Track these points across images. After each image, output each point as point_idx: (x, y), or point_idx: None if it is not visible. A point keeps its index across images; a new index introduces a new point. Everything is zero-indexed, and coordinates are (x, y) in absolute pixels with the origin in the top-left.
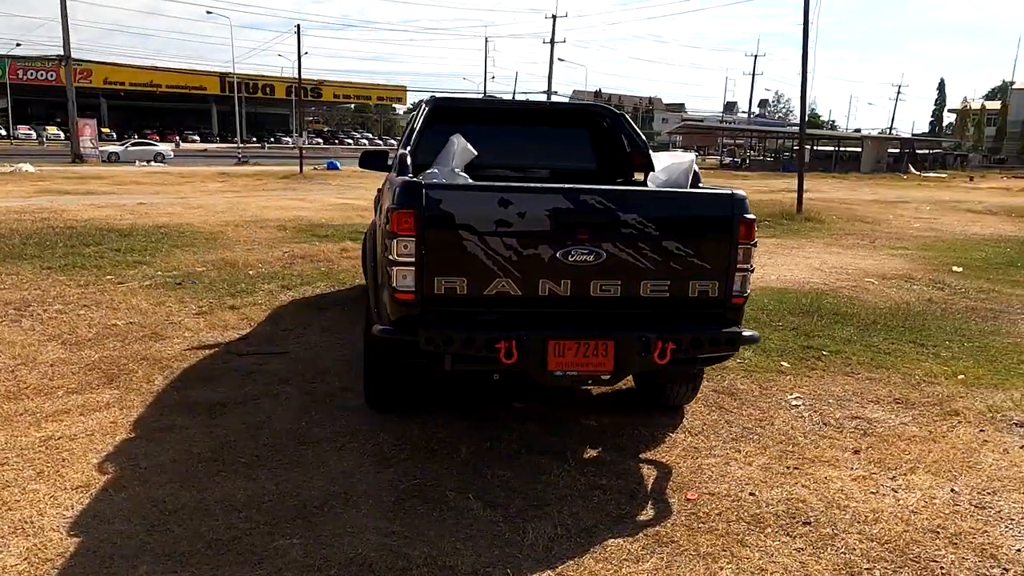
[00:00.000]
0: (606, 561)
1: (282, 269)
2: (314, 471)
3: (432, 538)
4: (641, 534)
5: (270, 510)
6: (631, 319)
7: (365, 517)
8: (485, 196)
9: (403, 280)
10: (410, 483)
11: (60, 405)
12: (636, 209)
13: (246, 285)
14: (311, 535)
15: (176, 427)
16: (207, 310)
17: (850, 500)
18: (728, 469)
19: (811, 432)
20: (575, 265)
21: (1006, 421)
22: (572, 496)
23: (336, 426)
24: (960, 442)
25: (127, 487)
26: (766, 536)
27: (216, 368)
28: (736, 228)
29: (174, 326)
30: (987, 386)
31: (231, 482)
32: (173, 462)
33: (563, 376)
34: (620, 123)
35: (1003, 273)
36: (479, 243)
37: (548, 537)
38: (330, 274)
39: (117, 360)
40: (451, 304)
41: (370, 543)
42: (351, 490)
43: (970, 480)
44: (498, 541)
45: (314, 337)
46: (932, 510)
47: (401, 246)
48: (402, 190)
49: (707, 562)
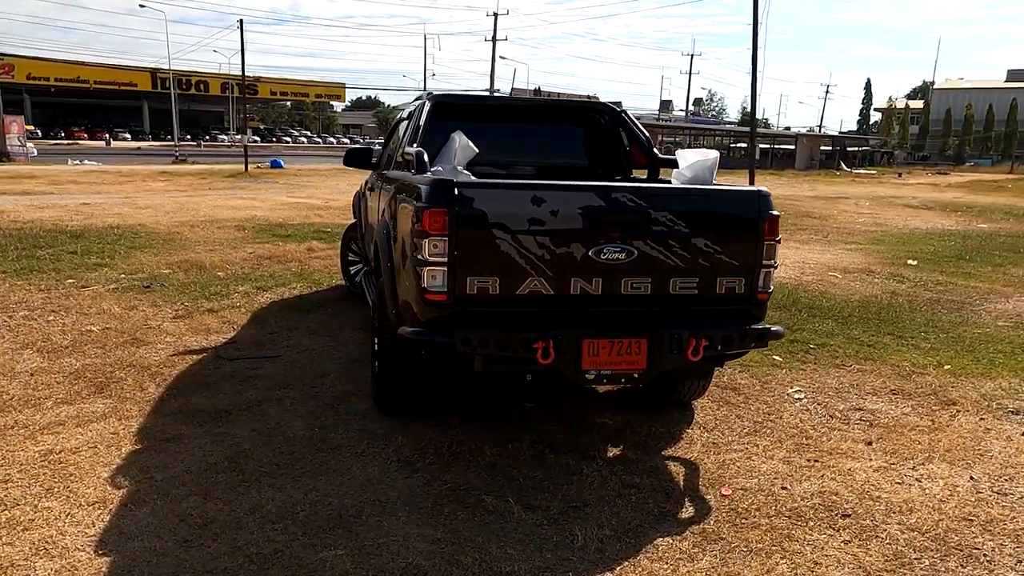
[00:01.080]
0: (661, 561)
1: (252, 270)
2: (340, 478)
3: (480, 543)
4: (688, 532)
5: (306, 520)
6: (660, 317)
7: (406, 524)
8: (518, 194)
9: (434, 280)
10: (442, 488)
11: (52, 417)
12: (667, 206)
13: (219, 287)
14: (355, 545)
15: (183, 437)
16: (184, 314)
17: (880, 491)
18: (752, 464)
19: (820, 425)
20: (607, 263)
21: (1002, 409)
22: (609, 496)
23: (350, 431)
24: (964, 431)
25: (147, 501)
26: (810, 530)
27: (209, 374)
28: (763, 225)
29: (154, 331)
30: (975, 375)
31: (257, 492)
32: (189, 473)
33: (597, 376)
34: (619, 120)
35: (954, 266)
36: (512, 242)
37: (598, 538)
38: (303, 275)
39: (101, 368)
40: (483, 304)
41: (419, 551)
42: (383, 497)
43: (985, 468)
44: (547, 544)
45: (303, 340)
46: (959, 498)
47: (433, 246)
48: (434, 188)
49: (761, 558)
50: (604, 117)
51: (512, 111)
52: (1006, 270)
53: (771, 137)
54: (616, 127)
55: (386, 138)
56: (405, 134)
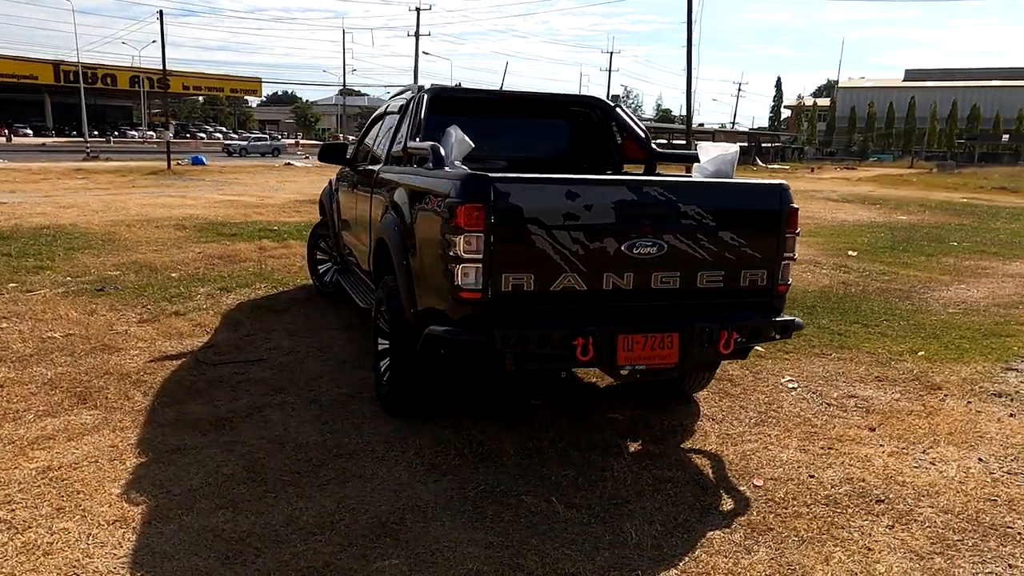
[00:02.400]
0: (719, 555)
1: (206, 271)
2: (368, 485)
3: (535, 545)
4: (735, 524)
5: (347, 530)
6: (688, 311)
7: (452, 529)
8: (553, 189)
9: (469, 278)
10: (477, 490)
11: (37, 430)
12: (696, 200)
13: (178, 289)
14: (407, 553)
15: (189, 447)
16: (150, 318)
17: (902, 476)
18: (771, 453)
19: (820, 412)
20: (639, 257)
21: (985, 392)
22: (646, 491)
23: (363, 435)
24: (957, 414)
25: (172, 517)
26: (851, 517)
27: (195, 380)
28: (784, 218)
29: (122, 336)
30: (949, 361)
31: (286, 503)
32: (208, 485)
33: (632, 371)
34: (612, 114)
35: (891, 256)
36: (547, 237)
37: (651, 535)
38: (263, 275)
39: (77, 377)
40: (516, 302)
41: (476, 557)
42: (419, 502)
43: (988, 450)
44: (602, 543)
45: (284, 342)
46: (976, 480)
47: (468, 242)
48: (469, 183)
49: (815, 547)
50: (596, 111)
51: (504, 105)
52: (938, 259)
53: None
54: (607, 121)
55: (362, 134)
56: (398, 128)
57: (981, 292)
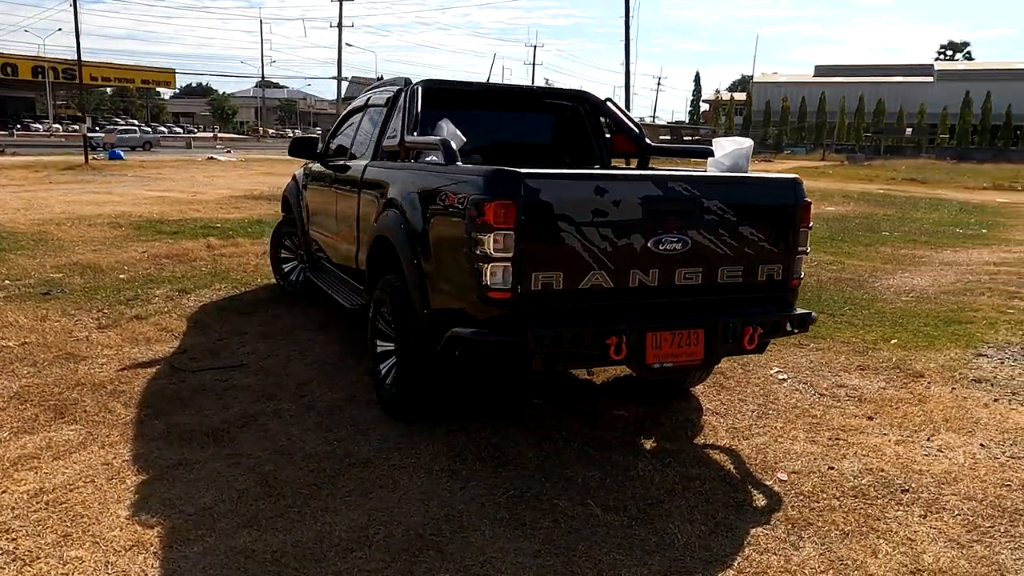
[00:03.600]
0: (769, 552)
1: (156, 271)
2: (393, 495)
3: (583, 551)
4: (774, 520)
5: (386, 545)
6: (709, 306)
7: (494, 539)
8: (581, 184)
9: (498, 277)
10: (506, 495)
11: (17, 449)
12: (717, 195)
13: (132, 291)
14: (454, 565)
15: (190, 462)
16: (110, 323)
17: (916, 464)
18: (783, 446)
19: (815, 403)
20: (664, 254)
21: (965, 379)
22: (676, 490)
23: (371, 442)
24: (946, 401)
25: (193, 539)
26: (884, 508)
27: (177, 389)
28: (799, 212)
29: (85, 344)
30: (922, 348)
31: (312, 518)
32: (223, 503)
33: (660, 368)
34: (601, 109)
35: (833, 246)
36: (576, 234)
37: (696, 535)
38: (219, 274)
39: (46, 389)
40: (546, 301)
41: (527, 567)
42: (451, 511)
43: (985, 435)
44: (649, 546)
45: (260, 346)
46: (986, 465)
47: (497, 240)
48: (499, 179)
49: (859, 540)
50: (585, 105)
51: (494, 97)
52: (876, 249)
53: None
54: (596, 116)
55: (334, 128)
56: (387, 122)
57: (925, 280)
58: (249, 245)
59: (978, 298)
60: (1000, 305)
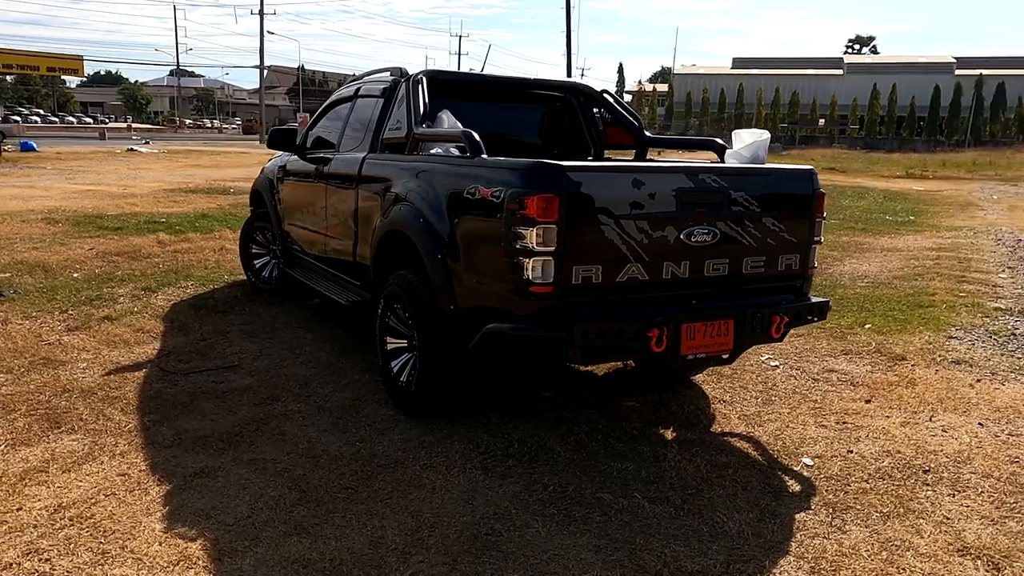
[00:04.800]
0: (820, 537)
1: (111, 270)
2: (434, 495)
3: (642, 544)
4: (814, 505)
5: (443, 546)
6: (733, 296)
7: (551, 536)
8: (620, 177)
9: (540, 272)
10: (547, 491)
11: (20, 463)
12: (743, 187)
13: (93, 291)
14: (519, 564)
15: (212, 469)
16: (79, 325)
17: (928, 445)
18: (796, 432)
19: (812, 388)
20: (695, 245)
21: (945, 360)
22: (711, 478)
23: (394, 442)
24: (934, 383)
25: (240, 550)
26: (912, 488)
27: (174, 392)
28: (815, 202)
29: (58, 348)
30: (895, 332)
31: (358, 522)
32: (260, 511)
33: (694, 359)
34: (594, 100)
35: None
36: (616, 227)
37: (746, 523)
38: (180, 271)
39: (30, 396)
40: (585, 295)
41: (592, 563)
42: (498, 509)
43: (980, 414)
44: (703, 536)
45: (247, 345)
46: (991, 444)
47: (540, 234)
48: (542, 172)
49: (901, 520)
50: (580, 97)
51: (489, 88)
52: None
53: None
54: (590, 107)
55: (314, 119)
56: (385, 113)
57: (874, 266)
58: (202, 241)
59: (930, 283)
60: (953, 289)
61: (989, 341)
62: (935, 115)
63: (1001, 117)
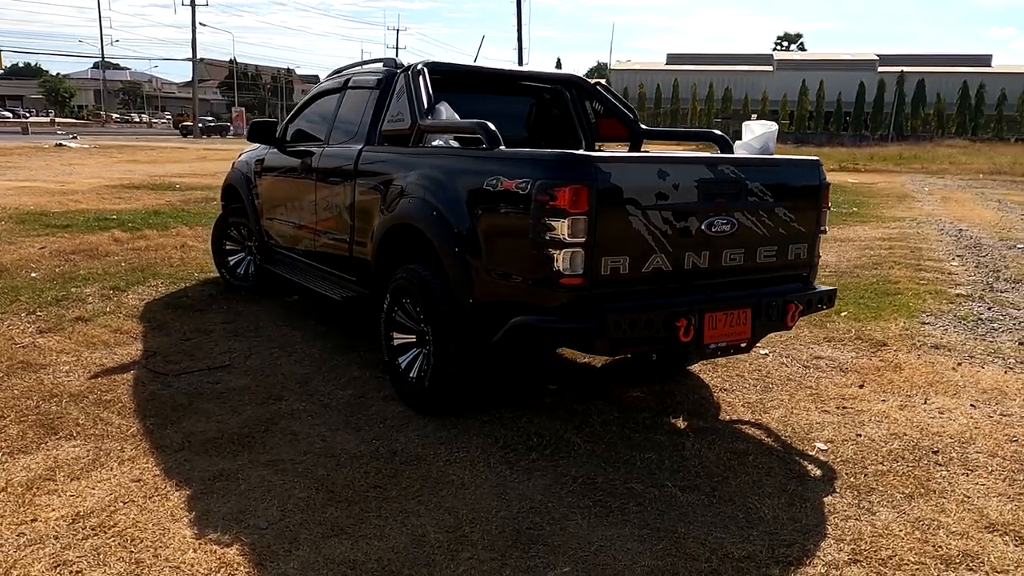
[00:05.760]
0: (853, 519)
1: (71, 269)
2: (465, 491)
3: (683, 533)
4: (839, 488)
5: (488, 542)
6: (747, 286)
7: (594, 527)
8: (647, 168)
9: (571, 263)
10: (576, 484)
11: (23, 472)
12: (759, 177)
13: (57, 291)
14: (570, 557)
15: (230, 472)
16: (51, 326)
17: (929, 427)
18: (802, 417)
19: (805, 375)
20: (715, 236)
21: (924, 346)
22: (733, 466)
23: (411, 439)
24: (919, 367)
25: (281, 554)
26: (927, 469)
27: (171, 394)
28: (823, 192)
29: (35, 351)
30: (871, 319)
31: (396, 520)
32: (292, 513)
33: (715, 348)
34: (586, 93)
35: None
36: (642, 218)
37: (779, 508)
38: (144, 269)
39: (17, 402)
40: (613, 286)
41: (640, 553)
42: (533, 503)
43: (970, 396)
44: (739, 523)
45: (234, 344)
46: (987, 424)
47: (570, 225)
48: (572, 163)
49: (924, 500)
50: (573, 89)
51: (484, 80)
52: None
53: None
54: (581, 100)
55: (294, 112)
56: (381, 105)
57: (832, 256)
58: (160, 238)
59: (890, 271)
60: (913, 277)
61: (960, 326)
62: (860, 110)
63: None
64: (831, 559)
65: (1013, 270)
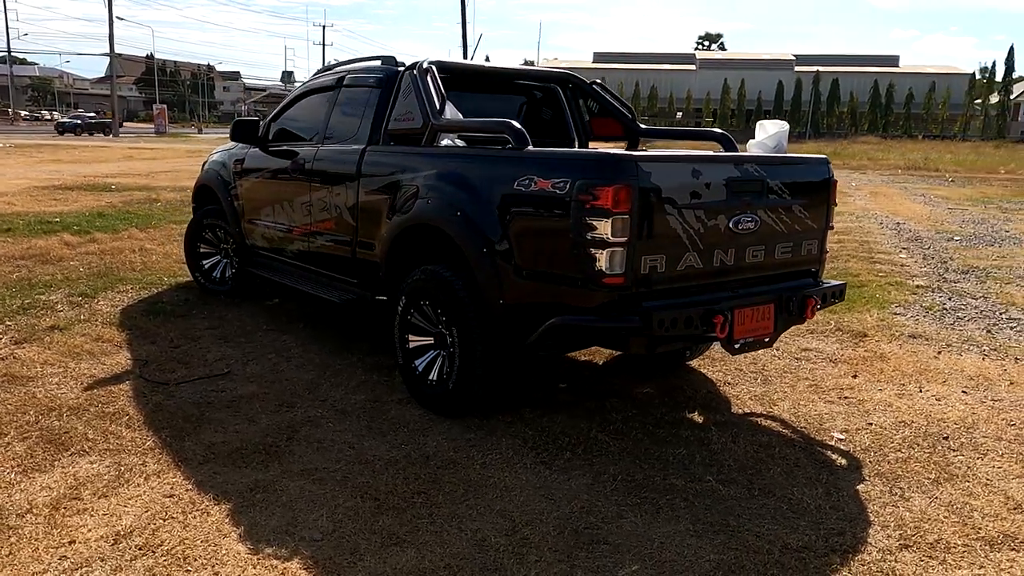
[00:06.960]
0: (889, 505)
1: (26, 274)
2: (510, 494)
3: (737, 527)
4: (867, 476)
5: (549, 543)
6: (766, 282)
7: (650, 525)
8: (683, 167)
9: (612, 262)
10: (617, 482)
11: (44, 492)
12: (779, 175)
13: (20, 299)
14: (635, 555)
15: (266, 483)
16: (25, 337)
17: (932, 414)
18: (809, 408)
19: (799, 367)
20: (741, 233)
21: (903, 336)
22: (762, 458)
23: (439, 442)
24: (904, 356)
25: (347, 566)
26: (944, 454)
27: (178, 405)
28: (831, 189)
29: (18, 363)
30: (847, 311)
31: (449, 525)
32: (343, 523)
33: (743, 344)
34: (586, 90)
35: None
36: (679, 217)
37: (819, 498)
38: (106, 274)
39: (15, 418)
40: (651, 284)
41: (701, 548)
42: (581, 503)
43: (959, 384)
44: (785, 513)
45: (227, 350)
46: (983, 410)
47: (612, 225)
48: (615, 163)
49: (951, 484)
50: (567, 87)
51: (481, 78)
52: None
53: None
54: (575, 98)
55: (278, 111)
56: (384, 104)
57: None
58: (113, 242)
59: (847, 264)
60: (870, 269)
61: (929, 316)
62: (779, 108)
63: (836, 111)
64: (882, 545)
65: (958, 261)
